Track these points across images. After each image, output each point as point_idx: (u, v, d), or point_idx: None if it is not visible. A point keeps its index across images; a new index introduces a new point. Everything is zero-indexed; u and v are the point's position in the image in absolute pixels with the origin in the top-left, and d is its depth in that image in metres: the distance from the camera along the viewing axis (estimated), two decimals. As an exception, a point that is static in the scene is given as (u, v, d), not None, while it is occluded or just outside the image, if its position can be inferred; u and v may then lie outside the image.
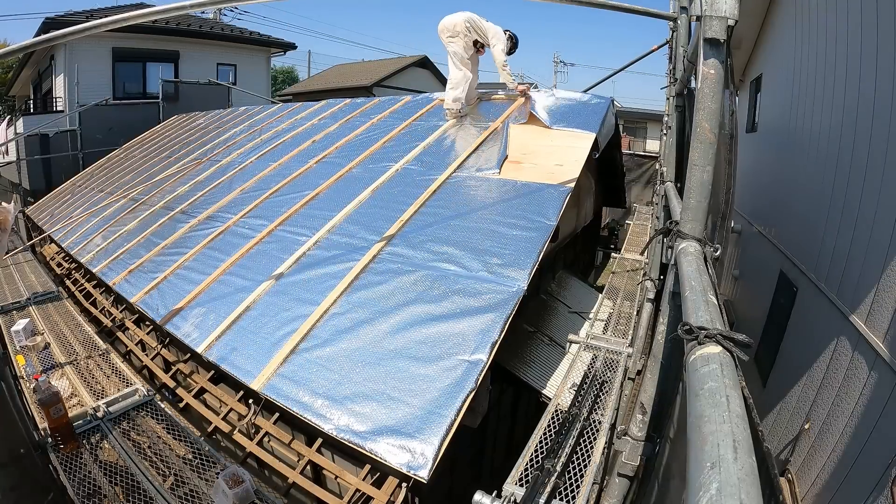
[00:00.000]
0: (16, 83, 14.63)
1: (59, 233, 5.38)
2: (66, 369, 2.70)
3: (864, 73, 3.08)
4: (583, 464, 1.60)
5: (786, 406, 3.71)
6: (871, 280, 2.71)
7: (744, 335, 0.82)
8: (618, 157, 6.25)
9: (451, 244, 2.70)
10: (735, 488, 0.50)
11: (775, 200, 5.06)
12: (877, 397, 2.51)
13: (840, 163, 3.37)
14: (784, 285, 4.24)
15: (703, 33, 1.28)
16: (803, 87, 4.42)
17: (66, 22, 9.24)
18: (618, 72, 6.43)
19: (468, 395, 1.86)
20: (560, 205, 2.85)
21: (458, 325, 2.16)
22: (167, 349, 2.85)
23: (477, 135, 3.91)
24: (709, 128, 1.32)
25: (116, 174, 7.17)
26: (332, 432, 1.86)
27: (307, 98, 11.64)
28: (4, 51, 1.82)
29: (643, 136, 19.30)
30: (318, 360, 2.17)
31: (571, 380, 2.18)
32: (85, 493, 1.80)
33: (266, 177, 4.41)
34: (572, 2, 2.22)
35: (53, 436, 2.01)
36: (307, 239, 3.08)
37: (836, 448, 2.81)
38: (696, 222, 1.42)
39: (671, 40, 4.33)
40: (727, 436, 0.57)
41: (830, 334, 3.12)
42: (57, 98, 10.64)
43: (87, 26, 1.77)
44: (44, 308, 3.57)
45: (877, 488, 2.29)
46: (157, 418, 2.26)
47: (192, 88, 10.51)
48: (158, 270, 3.42)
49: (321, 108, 6.08)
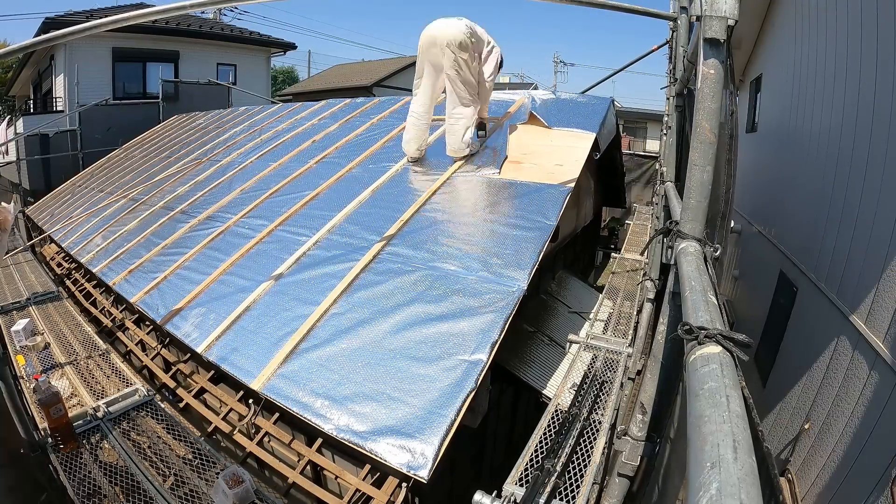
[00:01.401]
0: (16, 83, 14.62)
1: (59, 233, 5.38)
2: (66, 369, 2.70)
3: (864, 72, 3.08)
4: (583, 464, 1.60)
5: (786, 406, 3.71)
6: (871, 280, 2.71)
7: (744, 335, 0.82)
8: (618, 157, 6.25)
9: (451, 244, 2.70)
10: (735, 488, 0.50)
11: (775, 200, 5.06)
12: (877, 397, 2.51)
13: (840, 163, 3.37)
14: (784, 285, 4.24)
15: (703, 33, 1.28)
16: (803, 87, 4.42)
17: (66, 22, 9.24)
18: (618, 72, 6.44)
19: (468, 395, 1.86)
20: (560, 205, 2.85)
21: (458, 324, 2.16)
22: (167, 349, 2.85)
23: (477, 135, 3.91)
24: (709, 128, 1.32)
25: (116, 174, 7.17)
26: (332, 432, 1.86)
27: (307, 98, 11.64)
28: (4, 51, 1.81)
29: (643, 136, 19.31)
30: (319, 360, 2.17)
31: (571, 380, 2.18)
32: (85, 493, 1.80)
33: (266, 177, 4.41)
34: (572, 2, 2.22)
35: (53, 436, 2.01)
36: (307, 239, 3.08)
37: (836, 448, 2.81)
38: (696, 222, 1.42)
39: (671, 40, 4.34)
40: (727, 436, 0.57)
41: (830, 334, 3.12)
42: (57, 98, 10.64)
43: (87, 26, 1.77)
44: (44, 308, 3.57)
45: (877, 488, 2.29)
46: (157, 418, 2.26)
47: (192, 88, 10.51)
48: (158, 270, 3.42)
49: (321, 108, 6.09)
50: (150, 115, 9.95)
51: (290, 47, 13.59)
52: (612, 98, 4.16)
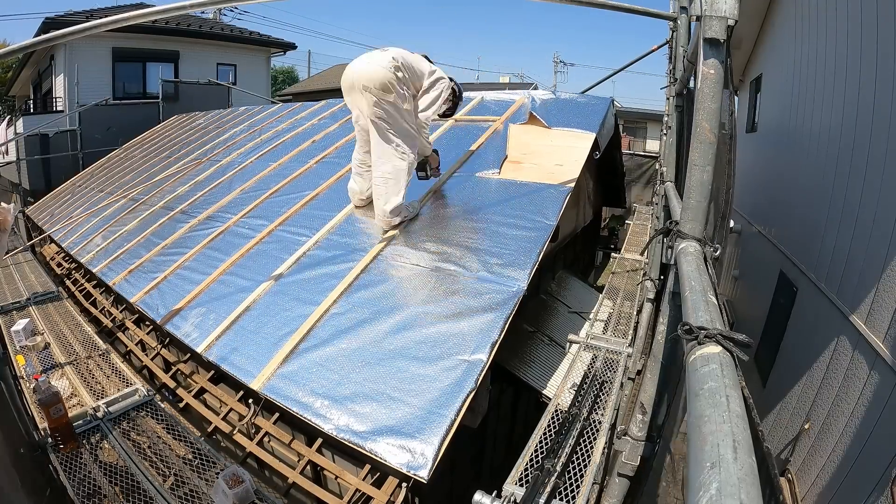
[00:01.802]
0: (16, 83, 14.63)
1: (59, 233, 5.38)
2: (66, 369, 2.70)
3: (864, 72, 3.08)
4: (583, 464, 1.60)
5: (786, 406, 3.71)
6: (871, 280, 2.71)
7: (744, 335, 0.82)
8: (618, 157, 6.25)
9: (451, 244, 2.70)
10: (735, 488, 0.50)
11: (775, 200, 5.06)
12: (877, 397, 2.52)
13: (840, 163, 3.37)
14: (784, 285, 4.24)
15: (702, 33, 1.28)
16: (803, 87, 4.42)
17: (66, 22, 9.24)
18: (618, 72, 6.44)
19: (468, 395, 1.86)
20: (560, 205, 2.85)
21: (458, 325, 2.16)
22: (167, 349, 2.85)
23: (477, 135, 3.91)
24: (708, 128, 1.32)
25: (116, 174, 7.17)
26: (332, 432, 1.86)
27: (307, 98, 11.63)
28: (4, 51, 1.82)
29: (643, 136, 19.31)
30: (318, 360, 2.17)
31: (571, 380, 2.18)
32: (85, 494, 1.80)
33: (266, 177, 4.41)
34: (572, 2, 2.22)
35: (53, 436, 2.01)
36: (307, 239, 3.08)
37: (836, 448, 2.82)
38: (695, 222, 1.42)
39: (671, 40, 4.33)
40: (727, 436, 0.57)
41: (830, 334, 3.13)
42: (57, 98, 10.64)
43: (87, 26, 1.77)
44: (44, 308, 3.57)
45: (877, 488, 2.29)
46: (157, 418, 2.26)
47: (192, 88, 10.51)
48: (158, 270, 3.42)
49: (321, 108, 6.08)
50: (150, 115, 9.95)
51: (290, 47, 13.59)
52: (612, 98, 4.16)
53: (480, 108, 4.48)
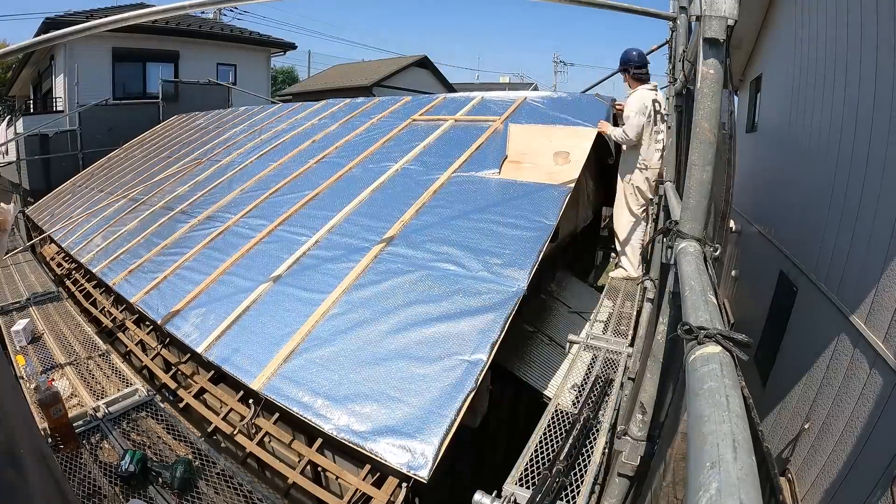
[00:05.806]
0: (16, 83, 14.63)
1: (59, 233, 5.38)
2: (66, 369, 2.70)
3: (864, 72, 3.08)
4: (583, 464, 1.61)
5: (786, 406, 3.71)
6: (871, 280, 2.71)
7: (743, 335, 0.82)
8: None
9: (451, 244, 2.70)
10: (735, 488, 0.50)
11: (775, 200, 5.05)
12: (877, 397, 2.51)
13: (840, 163, 3.37)
14: (784, 285, 4.24)
15: (702, 33, 1.28)
16: (803, 87, 4.42)
17: (66, 22, 9.24)
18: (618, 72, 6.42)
19: (468, 395, 1.86)
20: (560, 205, 2.85)
21: (458, 325, 2.16)
22: (167, 349, 2.85)
23: (477, 135, 3.91)
24: (708, 127, 1.32)
25: (116, 174, 7.17)
26: (332, 432, 1.86)
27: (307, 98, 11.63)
28: (4, 51, 1.82)
29: (643, 136, 19.23)
30: (319, 360, 2.17)
31: (571, 380, 2.19)
32: (85, 494, 1.80)
33: (266, 177, 4.41)
34: (572, 2, 2.22)
35: (53, 436, 2.01)
36: (307, 239, 3.08)
37: (836, 448, 2.81)
38: (695, 222, 1.42)
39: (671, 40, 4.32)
40: (727, 436, 0.57)
41: (830, 334, 3.12)
42: (57, 98, 10.64)
43: (87, 26, 1.78)
44: (44, 308, 3.57)
45: (877, 488, 2.29)
46: (158, 418, 2.26)
47: (192, 88, 10.51)
48: (158, 270, 3.42)
49: (321, 108, 6.08)
50: (150, 115, 9.95)
51: (289, 47, 13.59)
52: (612, 98, 4.16)
53: (480, 108, 4.48)
